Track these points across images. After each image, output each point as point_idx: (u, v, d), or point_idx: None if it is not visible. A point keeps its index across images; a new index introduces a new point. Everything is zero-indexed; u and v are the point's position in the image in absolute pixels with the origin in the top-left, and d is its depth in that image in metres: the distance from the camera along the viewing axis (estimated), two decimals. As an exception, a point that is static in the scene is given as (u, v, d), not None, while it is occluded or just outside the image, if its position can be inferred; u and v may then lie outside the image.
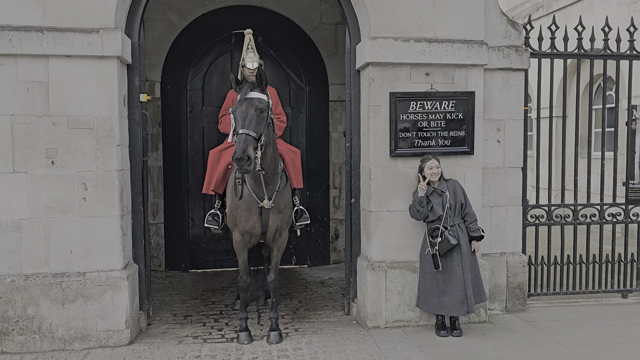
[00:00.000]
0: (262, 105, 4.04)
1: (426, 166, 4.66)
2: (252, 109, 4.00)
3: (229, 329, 4.89)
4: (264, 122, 4.05)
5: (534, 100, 5.84)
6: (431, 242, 4.61)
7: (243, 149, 3.82)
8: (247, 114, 3.98)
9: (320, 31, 7.26)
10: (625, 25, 5.75)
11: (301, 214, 4.98)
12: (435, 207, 4.63)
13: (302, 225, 5.03)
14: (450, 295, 4.56)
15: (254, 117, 3.98)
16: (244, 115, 3.98)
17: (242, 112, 4.00)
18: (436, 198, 4.65)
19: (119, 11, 4.47)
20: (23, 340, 4.35)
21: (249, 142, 3.87)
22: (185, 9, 6.96)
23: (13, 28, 4.26)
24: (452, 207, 4.65)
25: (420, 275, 4.76)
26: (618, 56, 5.65)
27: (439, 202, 4.64)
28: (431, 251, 4.59)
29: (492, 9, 5.15)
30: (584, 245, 5.69)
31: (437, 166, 4.67)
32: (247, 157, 3.83)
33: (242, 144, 3.84)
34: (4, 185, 4.34)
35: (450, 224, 4.61)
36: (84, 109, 4.39)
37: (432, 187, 4.67)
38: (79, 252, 4.45)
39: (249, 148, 3.86)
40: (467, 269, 4.58)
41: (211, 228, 4.99)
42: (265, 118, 4.05)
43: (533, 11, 12.28)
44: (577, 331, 4.82)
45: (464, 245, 4.60)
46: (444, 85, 4.89)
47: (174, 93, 7.04)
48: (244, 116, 3.98)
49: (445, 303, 4.58)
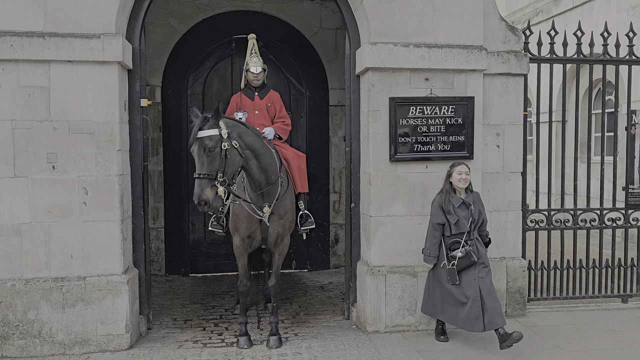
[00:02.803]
0: (212, 143, 3.95)
1: (455, 171, 4.45)
2: (202, 150, 3.95)
3: (229, 334, 4.89)
4: (217, 157, 3.96)
5: (534, 105, 5.84)
6: (450, 255, 4.41)
7: (198, 194, 3.86)
8: (199, 156, 3.95)
9: (320, 36, 7.28)
10: (625, 30, 5.77)
11: (306, 218, 4.99)
12: (462, 220, 4.41)
13: (307, 229, 5.03)
14: (465, 309, 4.35)
15: (205, 158, 3.94)
16: (197, 157, 3.96)
17: (195, 155, 3.98)
18: (463, 210, 4.44)
19: (120, 17, 4.49)
20: (23, 345, 4.36)
21: (203, 185, 3.88)
22: (186, 14, 6.99)
23: (15, 33, 4.28)
24: (475, 221, 4.47)
25: (434, 283, 4.56)
26: (617, 61, 5.66)
27: (466, 215, 4.43)
28: (447, 265, 4.40)
29: (492, 14, 5.17)
30: (583, 250, 5.69)
31: (466, 172, 4.45)
32: (204, 201, 3.86)
33: (197, 188, 3.88)
34: (5, 190, 4.35)
35: (470, 238, 4.42)
36: (85, 114, 4.41)
37: (460, 197, 4.45)
38: (80, 257, 4.46)
39: (205, 191, 3.87)
40: (484, 282, 4.36)
41: (215, 232, 5.01)
42: (217, 154, 3.96)
43: (532, 16, 12.32)
44: (576, 336, 4.82)
45: (482, 259, 4.42)
46: (444, 90, 4.90)
47: (174, 98, 7.06)
48: (197, 158, 3.96)
49: (460, 316, 4.38)
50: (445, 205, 4.46)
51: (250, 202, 4.42)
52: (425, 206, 4.90)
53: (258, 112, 5.32)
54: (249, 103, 5.38)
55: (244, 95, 5.43)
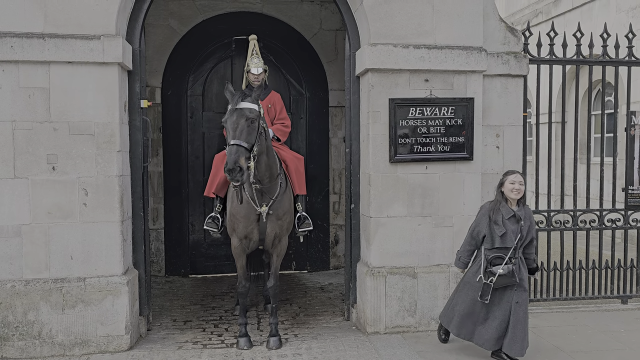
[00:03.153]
0: (252, 115, 4.02)
1: (508, 180, 4.14)
2: (243, 119, 3.98)
3: (229, 335, 4.89)
4: (255, 132, 4.03)
5: (533, 106, 5.85)
6: (489, 270, 4.06)
7: (235, 160, 3.82)
8: (238, 125, 3.97)
9: (320, 37, 7.29)
10: (624, 31, 5.77)
11: (304, 220, 4.98)
12: (509, 234, 4.06)
13: (305, 231, 5.03)
14: (489, 328, 4.12)
15: (245, 128, 3.97)
16: (235, 125, 3.97)
17: (232, 123, 3.99)
18: (513, 224, 4.09)
19: (120, 18, 4.50)
20: (23, 346, 4.36)
21: (240, 152, 3.86)
22: (185, 16, 6.99)
23: (15, 34, 4.28)
24: (523, 238, 4.12)
25: (459, 294, 4.30)
26: (617, 62, 5.67)
27: (515, 229, 4.08)
28: (484, 279, 4.06)
29: (491, 15, 5.17)
30: (583, 251, 5.70)
31: (520, 182, 4.12)
32: (239, 167, 3.83)
33: (234, 154, 3.84)
34: (5, 191, 4.35)
35: (515, 256, 4.08)
36: (85, 115, 4.41)
37: (512, 208, 4.12)
38: (79, 258, 4.46)
39: (241, 159, 3.85)
40: (518, 308, 4.08)
41: (210, 231, 4.99)
42: (256, 128, 4.04)
43: (532, 17, 12.33)
44: (576, 337, 4.82)
45: (522, 282, 4.11)
46: (443, 92, 4.91)
47: (174, 99, 7.07)
48: (235, 127, 3.97)
49: (481, 334, 4.16)
50: (493, 215, 4.12)
51: (250, 199, 4.41)
52: (425, 207, 4.91)
53: None
54: None
55: None
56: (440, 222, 4.94)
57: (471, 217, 4.96)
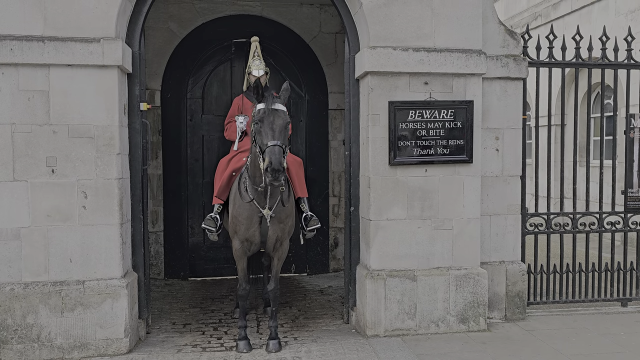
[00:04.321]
0: (287, 117, 4.14)
1: None
2: (280, 121, 4.07)
3: (228, 338, 4.88)
4: (288, 134, 4.16)
5: (533, 108, 5.86)
6: None
7: (280, 161, 3.86)
8: (277, 126, 4.05)
9: (319, 40, 7.30)
10: (623, 34, 5.79)
11: (310, 218, 4.99)
12: None
13: (314, 229, 5.02)
14: None
15: (283, 129, 4.06)
16: (273, 126, 4.04)
17: (270, 123, 4.04)
18: None
19: (120, 21, 4.50)
20: (22, 349, 4.35)
21: (281, 153, 3.93)
22: (185, 18, 7.00)
23: (14, 37, 4.28)
24: None
25: None
26: (616, 65, 5.68)
27: None
28: None
29: (491, 18, 5.18)
30: (583, 254, 5.69)
31: None
32: (283, 168, 3.91)
33: (278, 155, 3.88)
34: (4, 194, 4.35)
35: None
36: (85, 118, 4.41)
37: None
38: (79, 261, 4.45)
39: (283, 159, 3.93)
40: None
41: (207, 230, 4.92)
42: (288, 130, 4.18)
43: (531, 20, 12.35)
44: (576, 340, 4.81)
45: None
46: (443, 94, 4.91)
47: (174, 101, 7.07)
48: (274, 127, 4.03)
49: None
50: None
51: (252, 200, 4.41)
52: (425, 210, 4.91)
53: None
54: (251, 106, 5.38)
55: (245, 98, 5.44)
56: (439, 225, 4.94)
57: (470, 220, 4.99)
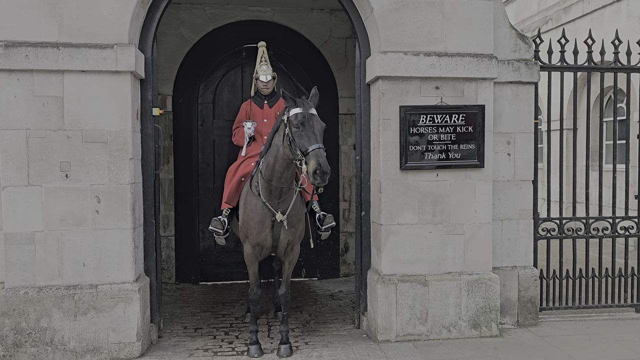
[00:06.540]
0: (322, 122, 4.23)
1: None
2: (319, 125, 4.16)
3: (239, 342, 4.89)
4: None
5: (544, 113, 5.82)
6: None
7: (327, 163, 3.96)
8: (317, 129, 4.12)
9: (330, 45, 7.32)
10: (636, 38, 5.76)
11: (324, 217, 5.00)
12: None
13: (329, 228, 5.03)
14: None
15: (321, 133, 4.15)
16: (314, 130, 4.11)
17: (311, 127, 4.11)
18: None
19: (133, 27, 4.55)
20: (36, 352, 4.38)
21: (325, 156, 4.00)
22: (197, 24, 7.05)
23: (30, 44, 4.34)
24: None
25: None
26: (629, 69, 5.64)
27: None
28: None
29: (502, 22, 5.17)
30: (596, 259, 5.65)
31: None
32: (330, 170, 3.96)
33: (324, 157, 3.97)
34: (18, 198, 4.40)
35: None
36: (98, 123, 4.46)
37: None
38: (92, 265, 4.49)
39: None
40: None
41: (214, 232, 4.95)
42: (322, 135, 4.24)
43: (542, 24, 12.30)
44: (590, 346, 4.77)
45: None
46: (454, 99, 4.91)
47: (185, 106, 7.12)
48: (315, 131, 4.11)
49: None
50: None
51: (265, 202, 4.43)
52: (436, 215, 4.89)
53: (267, 121, 5.35)
54: (258, 111, 5.42)
55: (253, 103, 5.47)
56: (451, 230, 4.93)
57: (482, 225, 4.96)
